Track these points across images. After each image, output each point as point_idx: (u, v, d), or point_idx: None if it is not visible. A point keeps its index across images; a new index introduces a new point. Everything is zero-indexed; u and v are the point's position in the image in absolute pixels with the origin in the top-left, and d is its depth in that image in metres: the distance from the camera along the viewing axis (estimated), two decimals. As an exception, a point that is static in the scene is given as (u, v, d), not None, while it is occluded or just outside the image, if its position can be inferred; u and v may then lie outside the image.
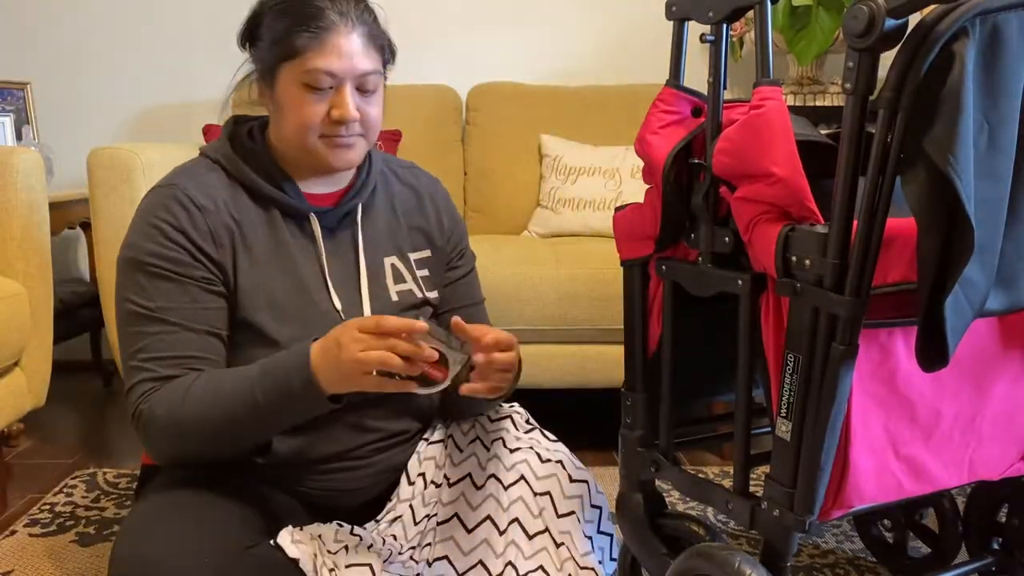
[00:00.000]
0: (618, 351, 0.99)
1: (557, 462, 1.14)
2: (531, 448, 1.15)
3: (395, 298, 1.20)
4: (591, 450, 1.95)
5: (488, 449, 1.16)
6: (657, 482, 1.18)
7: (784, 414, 0.93)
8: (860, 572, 1.42)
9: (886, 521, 1.44)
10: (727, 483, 1.05)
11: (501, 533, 1.09)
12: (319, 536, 1.08)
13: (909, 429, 0.97)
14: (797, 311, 0.90)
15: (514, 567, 1.06)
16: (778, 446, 0.94)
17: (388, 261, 1.22)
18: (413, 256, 1.25)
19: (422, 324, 0.97)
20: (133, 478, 1.82)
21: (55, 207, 2.09)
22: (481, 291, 1.34)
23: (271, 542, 1.04)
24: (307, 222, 1.17)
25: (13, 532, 1.58)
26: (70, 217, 2.34)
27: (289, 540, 1.04)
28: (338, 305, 1.15)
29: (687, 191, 1.03)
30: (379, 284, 1.20)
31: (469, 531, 1.10)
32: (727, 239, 0.99)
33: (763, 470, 0.97)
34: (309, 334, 1.05)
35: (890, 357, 0.94)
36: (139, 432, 1.07)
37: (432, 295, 1.25)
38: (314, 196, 1.18)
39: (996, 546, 1.27)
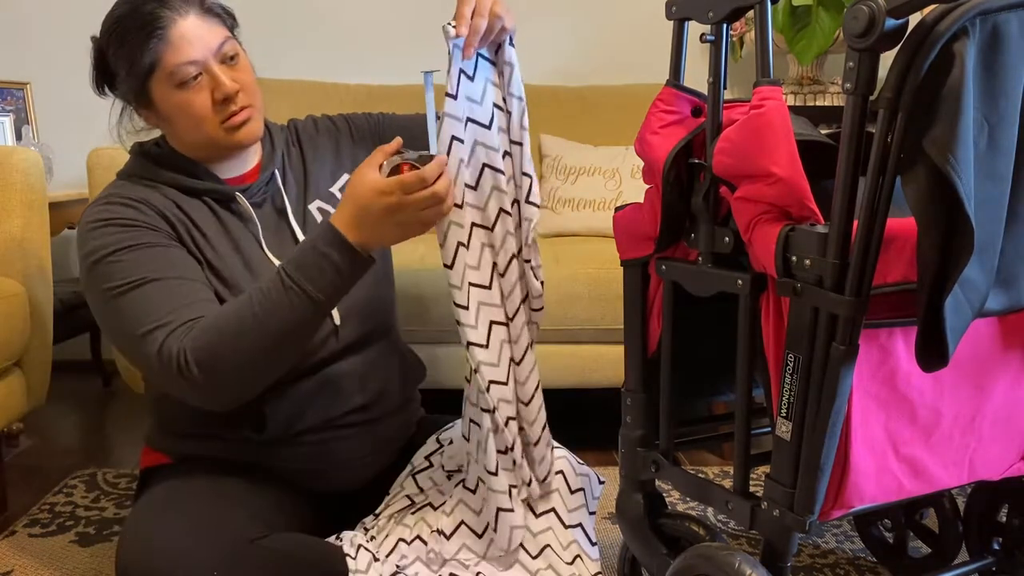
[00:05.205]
0: (618, 351, 0.99)
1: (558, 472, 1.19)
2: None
3: None
4: (591, 450, 1.95)
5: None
6: (657, 482, 1.18)
7: (784, 414, 0.93)
8: (860, 572, 1.42)
9: (886, 521, 1.44)
10: (727, 483, 1.05)
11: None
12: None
13: (909, 429, 0.97)
14: (797, 311, 0.90)
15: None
16: (778, 446, 0.94)
17: (313, 207, 1.28)
18: (336, 187, 1.31)
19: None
20: (133, 478, 1.82)
21: (55, 207, 2.09)
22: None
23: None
24: (235, 203, 1.21)
25: (13, 532, 1.57)
26: (70, 217, 2.33)
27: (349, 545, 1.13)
28: None
29: (687, 191, 1.03)
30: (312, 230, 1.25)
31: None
32: (727, 239, 0.99)
33: (763, 470, 0.97)
34: None
35: (890, 357, 0.94)
36: (186, 380, 1.01)
37: None
38: (233, 179, 1.23)
39: (996, 546, 1.26)
